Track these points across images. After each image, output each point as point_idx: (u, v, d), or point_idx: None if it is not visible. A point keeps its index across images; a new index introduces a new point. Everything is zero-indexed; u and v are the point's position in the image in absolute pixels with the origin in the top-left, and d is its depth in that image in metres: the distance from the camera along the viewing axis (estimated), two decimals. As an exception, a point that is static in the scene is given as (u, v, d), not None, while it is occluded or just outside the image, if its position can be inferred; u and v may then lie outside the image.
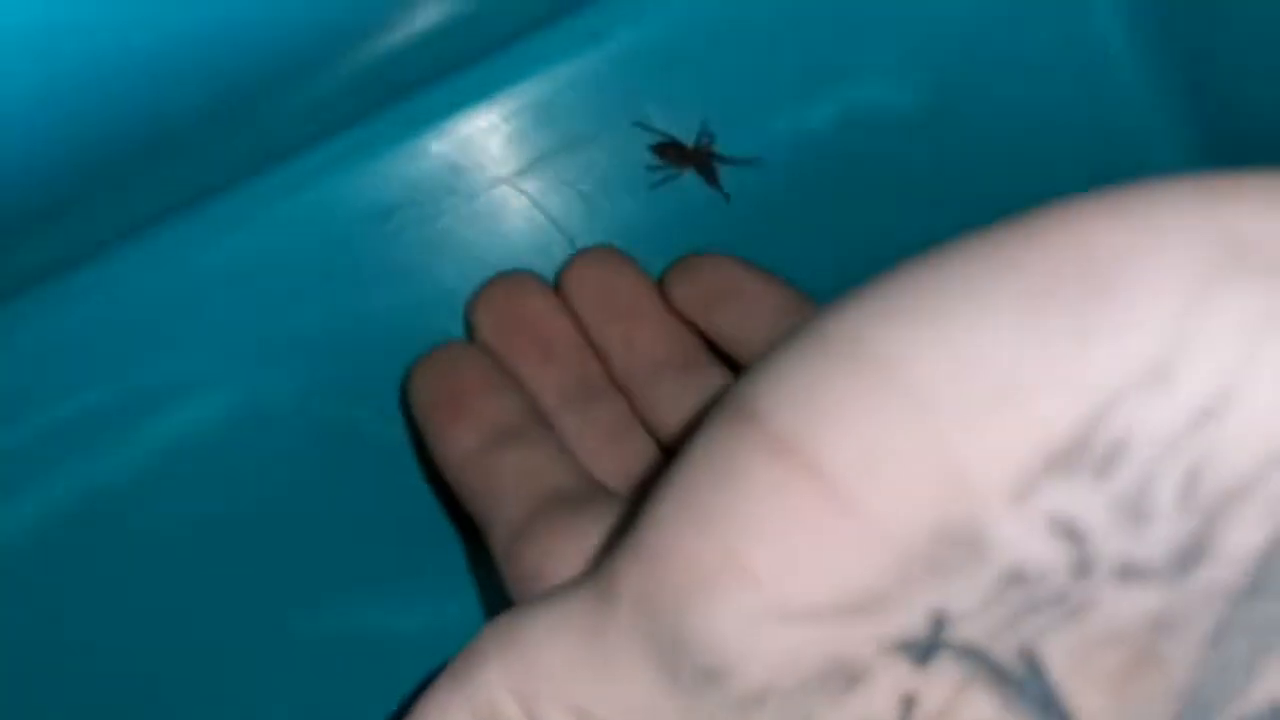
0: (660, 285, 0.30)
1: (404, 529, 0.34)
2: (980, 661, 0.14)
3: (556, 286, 0.31)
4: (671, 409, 0.29)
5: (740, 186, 0.33)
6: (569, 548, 0.23)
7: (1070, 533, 0.13)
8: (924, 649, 0.14)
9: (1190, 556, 0.13)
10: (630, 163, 0.32)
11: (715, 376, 0.29)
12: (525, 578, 0.24)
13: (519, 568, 0.24)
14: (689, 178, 0.32)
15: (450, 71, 0.31)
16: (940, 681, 0.15)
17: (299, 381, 0.32)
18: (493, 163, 0.32)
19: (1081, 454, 0.13)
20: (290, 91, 0.26)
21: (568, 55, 0.32)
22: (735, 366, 0.30)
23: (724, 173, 0.33)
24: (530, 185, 0.32)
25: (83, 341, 0.31)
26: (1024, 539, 0.13)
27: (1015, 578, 0.14)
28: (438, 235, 0.32)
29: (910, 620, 0.14)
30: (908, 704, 0.15)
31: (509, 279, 0.30)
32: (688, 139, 0.32)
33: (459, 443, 0.27)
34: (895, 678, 0.15)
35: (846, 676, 0.14)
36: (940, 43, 0.33)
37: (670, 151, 0.32)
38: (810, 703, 0.15)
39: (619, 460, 0.28)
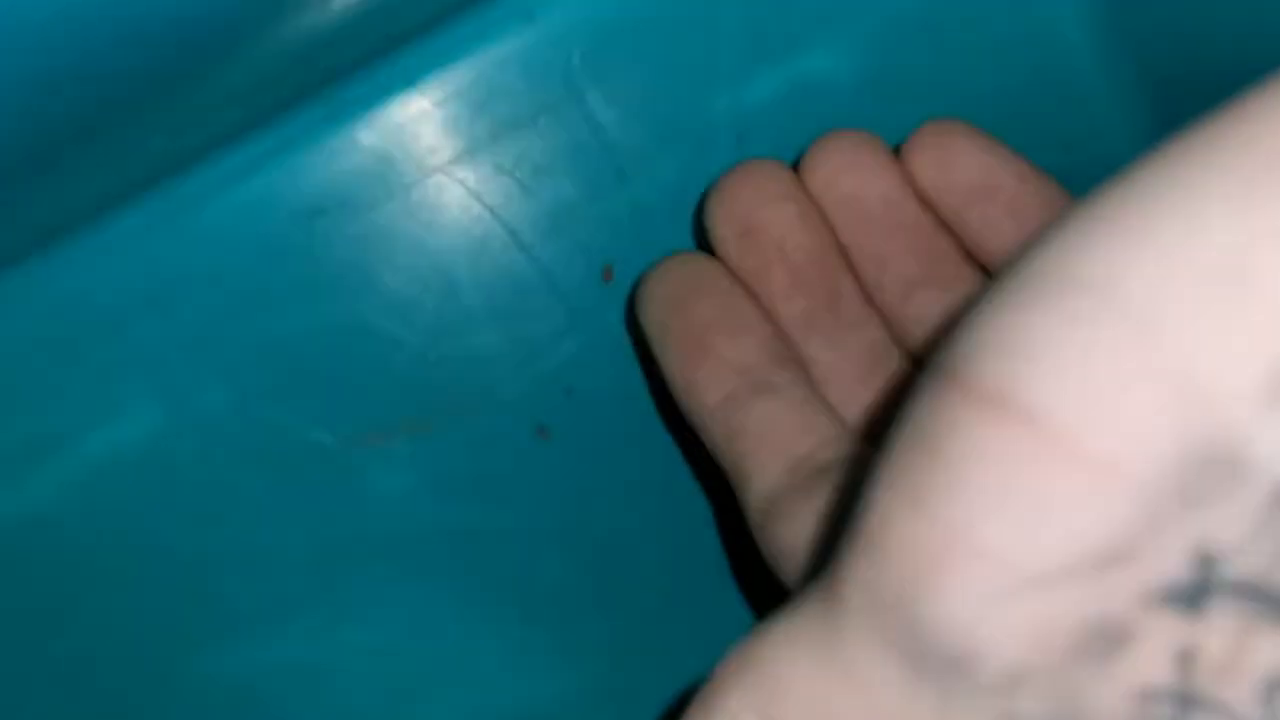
0: (903, 159, 0.27)
1: (354, 541, 0.32)
2: (1263, 598, 0.13)
3: (798, 170, 0.27)
4: (928, 329, 0.26)
5: (684, 169, 0.31)
6: (823, 526, 0.22)
7: None
8: (1193, 594, 0.13)
9: None
10: (570, 146, 0.31)
11: (975, 287, 0.27)
12: (780, 555, 0.23)
13: (773, 545, 0.23)
14: (639, 162, 0.31)
15: (376, 56, 0.30)
16: (1219, 628, 0.13)
17: (234, 392, 0.31)
18: (425, 152, 0.31)
19: None
20: (202, 79, 0.25)
21: (499, 35, 0.30)
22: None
23: (668, 158, 0.31)
24: (466, 174, 0.31)
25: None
26: None
27: None
28: (372, 231, 0.31)
29: (1171, 564, 0.12)
30: (1185, 659, 0.13)
31: (751, 174, 0.27)
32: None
33: (702, 392, 0.25)
34: (1165, 632, 0.13)
35: (1109, 640, 0.13)
36: (885, 11, 0.32)
37: None
38: (1075, 677, 0.13)
39: (874, 395, 0.26)
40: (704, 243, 0.29)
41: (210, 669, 0.32)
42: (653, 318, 0.27)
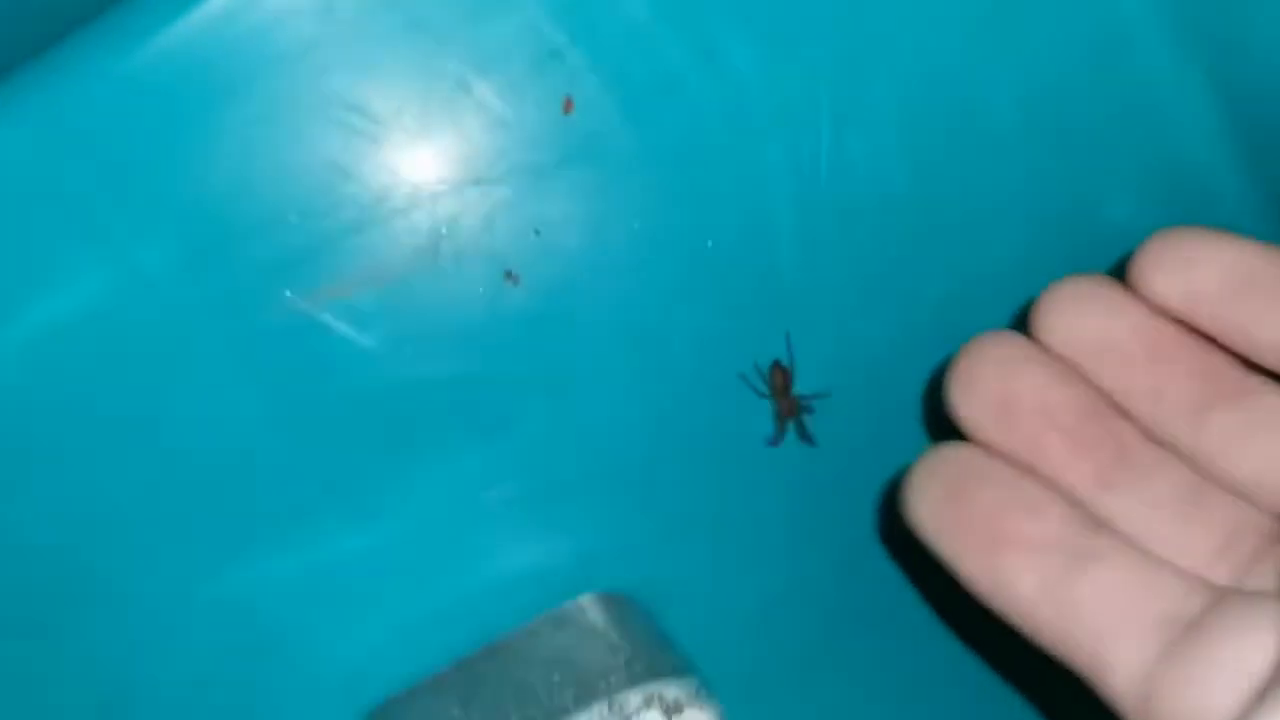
0: (1136, 285, 0.25)
1: (325, 402, 0.31)
2: None
3: (1031, 336, 0.25)
4: (1237, 451, 0.24)
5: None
6: (1220, 683, 0.20)
7: None
8: None
9: None
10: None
11: (1271, 394, 0.24)
12: None
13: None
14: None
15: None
16: None
17: (182, 249, 0.29)
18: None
19: None
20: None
21: None
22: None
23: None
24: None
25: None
26: None
27: None
28: (314, 70, 0.29)
29: None
30: None
31: (986, 350, 0.25)
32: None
33: (1014, 582, 0.23)
34: None
35: None
36: None
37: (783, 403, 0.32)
38: None
39: (1205, 535, 0.24)
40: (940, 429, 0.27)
41: (180, 552, 0.31)
42: (931, 519, 0.24)
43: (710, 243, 0.31)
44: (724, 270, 0.32)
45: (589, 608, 0.32)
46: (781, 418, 0.32)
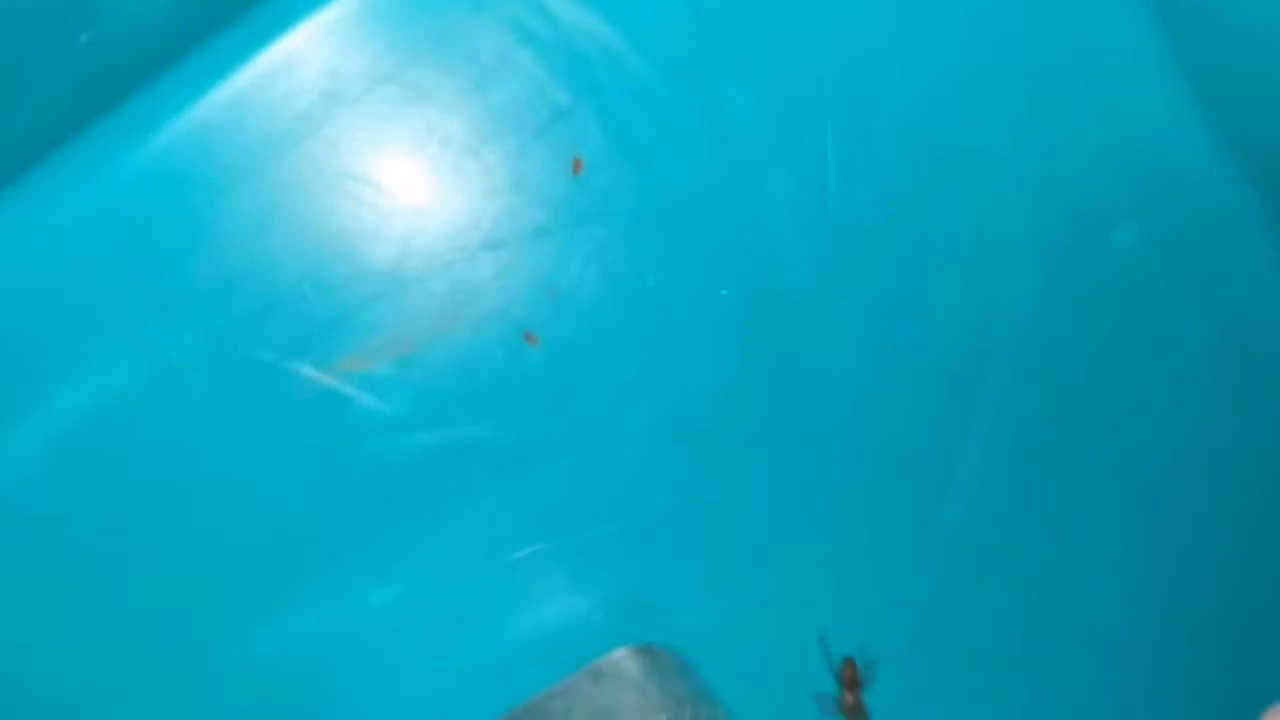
0: None
1: (351, 473, 0.31)
2: None
3: None
4: None
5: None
6: None
7: None
8: None
9: None
10: (524, 39, 0.30)
11: None
12: None
13: None
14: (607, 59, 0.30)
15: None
16: None
17: (205, 332, 0.29)
18: (373, 60, 0.29)
19: None
20: None
21: None
22: None
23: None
24: (415, 77, 0.30)
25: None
26: None
27: None
28: (326, 148, 0.29)
29: None
30: None
31: None
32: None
33: None
34: None
35: None
36: None
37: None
38: None
39: None
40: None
41: (217, 634, 0.31)
42: None
43: (724, 292, 0.32)
44: (738, 319, 0.32)
45: (624, 661, 0.32)
46: (844, 707, 0.33)
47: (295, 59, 0.29)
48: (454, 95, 0.30)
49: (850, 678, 0.32)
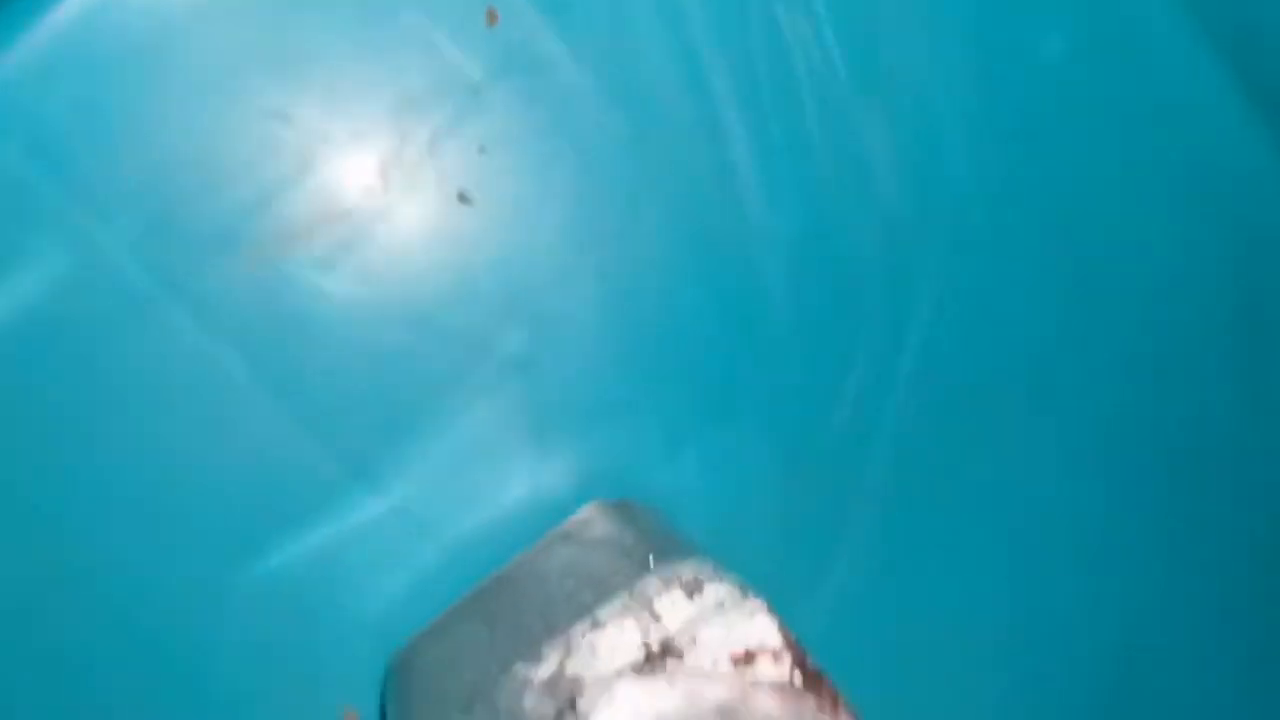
0: None
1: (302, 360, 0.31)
2: None
3: None
4: None
5: None
6: None
7: None
8: None
9: None
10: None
11: None
12: None
13: None
14: None
15: None
16: None
17: (135, 222, 0.29)
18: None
19: None
20: None
21: None
22: None
23: None
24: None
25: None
26: None
27: None
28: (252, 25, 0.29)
29: None
30: None
31: None
32: None
33: None
34: None
35: None
36: None
37: None
38: None
39: None
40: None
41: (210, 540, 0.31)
42: None
43: (655, 134, 0.31)
44: (673, 153, 0.32)
45: (592, 516, 0.32)
46: None
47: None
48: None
49: None
